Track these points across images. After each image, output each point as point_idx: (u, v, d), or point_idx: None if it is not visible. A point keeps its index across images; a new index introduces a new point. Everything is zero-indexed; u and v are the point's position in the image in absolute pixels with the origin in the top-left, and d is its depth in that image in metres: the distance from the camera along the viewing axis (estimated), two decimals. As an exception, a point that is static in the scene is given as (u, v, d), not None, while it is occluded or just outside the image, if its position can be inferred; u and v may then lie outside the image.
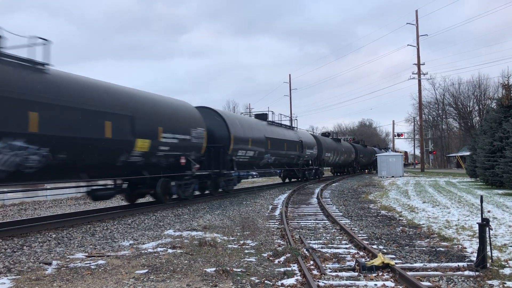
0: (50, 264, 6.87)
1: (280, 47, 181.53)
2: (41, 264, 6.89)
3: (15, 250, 7.98)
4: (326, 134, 42.60)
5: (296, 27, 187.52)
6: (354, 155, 47.99)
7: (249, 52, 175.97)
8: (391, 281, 5.75)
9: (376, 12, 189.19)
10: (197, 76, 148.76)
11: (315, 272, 6.27)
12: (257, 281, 5.84)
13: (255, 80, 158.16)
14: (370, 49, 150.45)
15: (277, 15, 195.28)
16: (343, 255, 7.35)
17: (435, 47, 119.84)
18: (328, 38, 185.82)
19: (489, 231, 6.32)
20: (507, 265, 6.33)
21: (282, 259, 7.10)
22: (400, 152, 67.63)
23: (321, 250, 7.75)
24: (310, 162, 32.56)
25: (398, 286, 5.49)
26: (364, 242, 8.15)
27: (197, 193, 17.84)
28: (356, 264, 6.40)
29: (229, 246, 8.30)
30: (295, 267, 6.59)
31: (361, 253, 7.49)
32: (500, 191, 19.90)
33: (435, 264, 6.54)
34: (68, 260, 7.19)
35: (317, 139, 35.20)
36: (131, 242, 8.86)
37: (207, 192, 18.77)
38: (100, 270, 6.45)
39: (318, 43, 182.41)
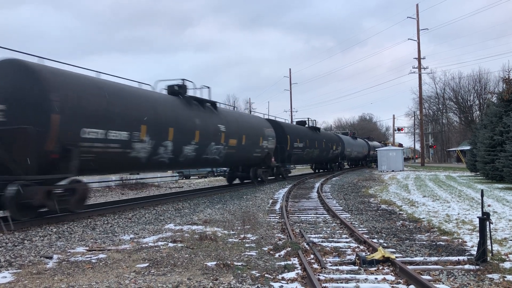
0: (51, 258, 6.88)
1: (286, 41, 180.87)
2: (42, 258, 6.90)
3: (16, 244, 7.99)
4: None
5: (302, 21, 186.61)
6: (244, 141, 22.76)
7: (255, 46, 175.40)
8: (391, 274, 5.76)
9: (383, 6, 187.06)
10: (201, 70, 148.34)
11: (315, 266, 6.28)
12: (257, 274, 5.85)
13: (259, 75, 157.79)
14: (375, 43, 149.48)
15: (285, 9, 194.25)
16: (343, 249, 7.36)
17: (441, 40, 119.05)
18: (334, 32, 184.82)
19: (489, 225, 6.32)
20: (507, 259, 6.34)
21: (282, 253, 7.11)
22: (394, 146, 67.24)
23: (321, 244, 7.76)
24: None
25: (399, 280, 5.50)
26: (365, 236, 8.16)
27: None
28: (357, 258, 6.41)
29: (230, 240, 8.31)
30: (295, 261, 6.60)
31: (362, 247, 7.49)
32: (500, 185, 19.90)
33: (435, 258, 6.55)
34: (69, 254, 7.21)
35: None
36: (131, 236, 8.87)
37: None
38: (100, 264, 6.46)
39: (324, 37, 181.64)
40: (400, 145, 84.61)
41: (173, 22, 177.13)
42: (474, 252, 6.53)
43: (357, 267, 6.15)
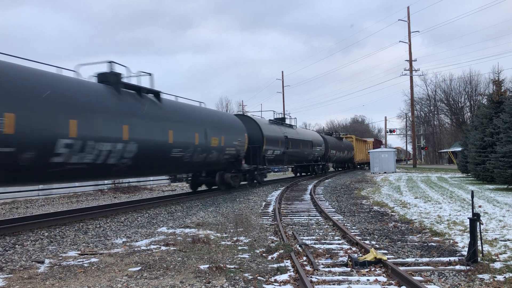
0: (42, 262, 6.84)
1: (285, 42, 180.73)
2: (33, 262, 6.86)
3: (7, 248, 7.93)
4: None
5: (303, 22, 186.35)
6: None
7: (254, 47, 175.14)
8: (383, 276, 5.79)
9: (385, 7, 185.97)
10: (200, 72, 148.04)
11: (308, 268, 6.30)
12: (250, 277, 5.86)
13: (258, 76, 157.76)
14: (373, 45, 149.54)
15: (285, 10, 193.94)
16: (336, 251, 7.39)
17: (440, 41, 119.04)
18: (333, 33, 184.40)
19: (480, 226, 6.39)
20: (498, 259, 6.40)
21: (275, 255, 7.13)
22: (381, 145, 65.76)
23: (314, 246, 7.79)
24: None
25: (390, 281, 5.53)
26: (357, 237, 8.20)
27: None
28: (349, 259, 6.44)
29: (223, 242, 8.31)
30: (288, 263, 6.62)
31: (354, 248, 7.53)
32: (491, 186, 20.08)
33: (427, 259, 6.60)
34: (60, 258, 7.17)
35: None
36: (124, 239, 8.84)
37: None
38: (93, 268, 6.43)
39: (323, 38, 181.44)
40: (378, 141, 73.70)
41: (173, 24, 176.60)
42: (465, 253, 6.59)
43: (349, 269, 6.18)
